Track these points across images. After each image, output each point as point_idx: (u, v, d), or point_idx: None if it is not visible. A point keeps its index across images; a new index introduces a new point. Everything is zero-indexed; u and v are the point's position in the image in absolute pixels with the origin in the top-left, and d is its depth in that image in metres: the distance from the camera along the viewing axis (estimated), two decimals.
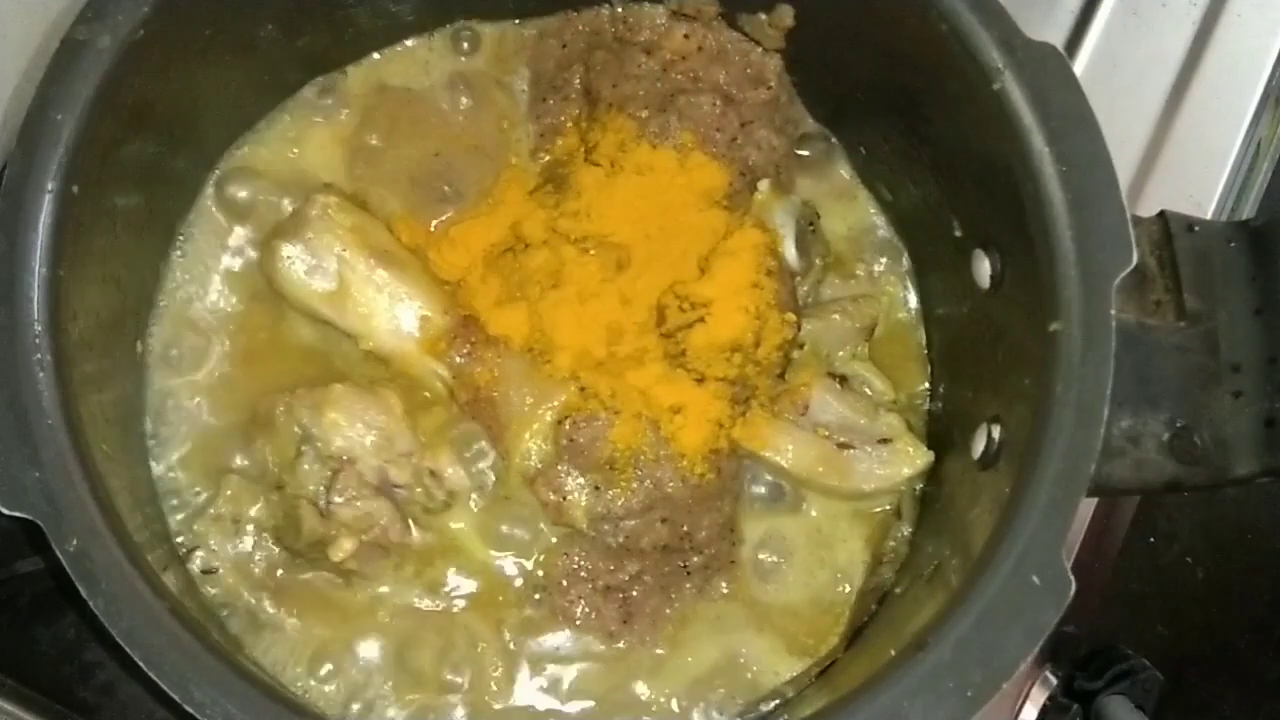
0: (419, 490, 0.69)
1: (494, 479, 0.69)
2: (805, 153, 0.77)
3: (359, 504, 0.66)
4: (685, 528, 0.68)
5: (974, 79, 0.60)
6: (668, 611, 0.70)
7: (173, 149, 0.68)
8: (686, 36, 0.73)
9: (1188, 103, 0.86)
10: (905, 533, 0.71)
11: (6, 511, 0.55)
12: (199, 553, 0.68)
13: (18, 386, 0.56)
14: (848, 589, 0.71)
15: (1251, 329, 0.60)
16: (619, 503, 0.67)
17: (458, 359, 0.69)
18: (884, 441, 0.70)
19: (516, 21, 0.77)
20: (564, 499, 0.67)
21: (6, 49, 0.72)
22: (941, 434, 0.72)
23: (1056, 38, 0.85)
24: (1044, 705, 0.81)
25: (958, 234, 0.68)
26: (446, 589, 0.70)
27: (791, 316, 0.69)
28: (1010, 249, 0.63)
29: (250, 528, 0.68)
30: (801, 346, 0.72)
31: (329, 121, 0.75)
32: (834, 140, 0.77)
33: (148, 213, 0.69)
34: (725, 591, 0.71)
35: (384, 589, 0.69)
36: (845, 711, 0.56)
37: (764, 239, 0.70)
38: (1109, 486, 0.59)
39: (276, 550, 0.68)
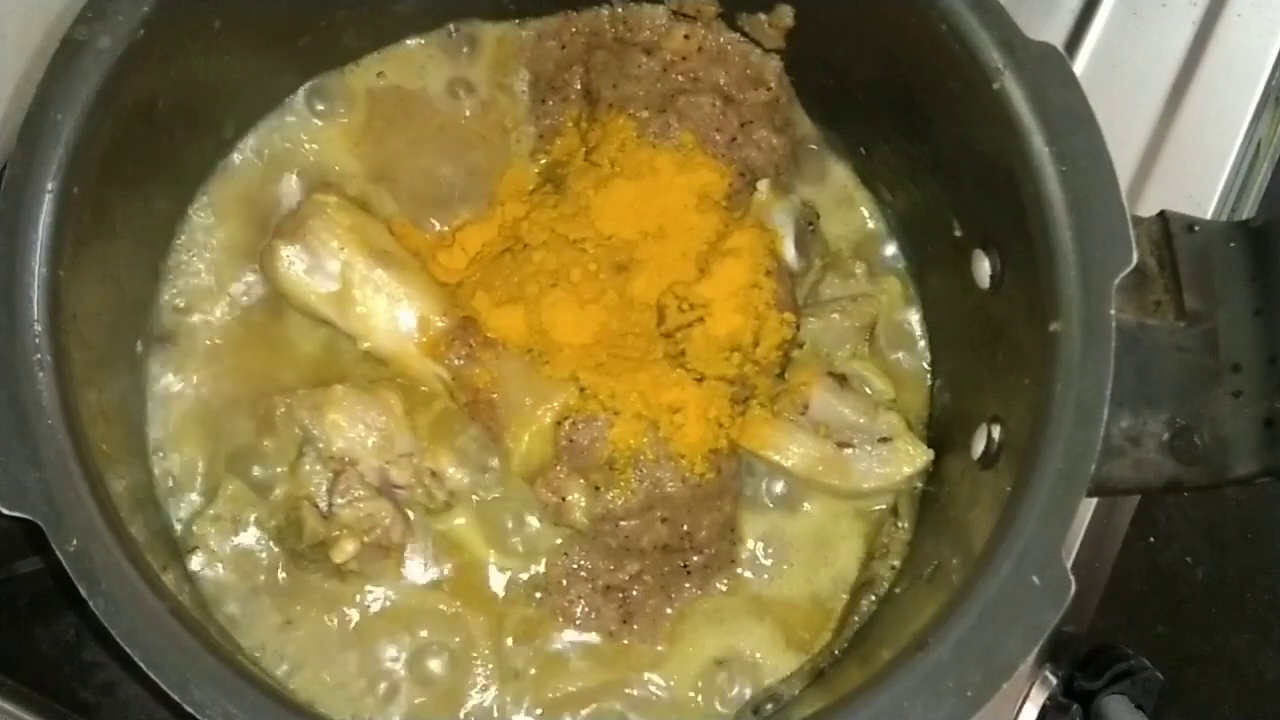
0: (420, 491, 0.69)
1: (494, 480, 0.69)
2: (805, 153, 0.77)
3: (361, 505, 0.66)
4: (685, 527, 0.68)
5: (974, 79, 0.60)
6: (668, 611, 0.70)
7: (172, 149, 0.68)
8: (686, 37, 0.73)
9: (1188, 103, 0.86)
10: (900, 528, 0.71)
11: (6, 511, 0.55)
12: (199, 553, 0.68)
13: (18, 386, 0.56)
14: (846, 587, 0.71)
15: (1251, 329, 0.60)
16: (619, 503, 0.67)
17: (457, 360, 0.69)
18: (884, 440, 0.70)
19: (516, 22, 0.77)
20: (564, 499, 0.67)
21: (6, 49, 0.72)
22: (941, 434, 0.72)
23: (1056, 38, 0.85)
24: (1044, 705, 0.81)
25: (958, 234, 0.68)
26: (447, 589, 0.70)
27: (791, 316, 0.69)
28: (1010, 249, 0.63)
29: (250, 528, 0.68)
30: (801, 346, 0.72)
31: (329, 122, 0.75)
32: (834, 141, 0.77)
33: (148, 213, 0.69)
34: (724, 590, 0.71)
35: (385, 590, 0.69)
36: (845, 711, 0.56)
37: (763, 239, 0.70)
38: (1109, 486, 0.59)
39: (277, 550, 0.68)
